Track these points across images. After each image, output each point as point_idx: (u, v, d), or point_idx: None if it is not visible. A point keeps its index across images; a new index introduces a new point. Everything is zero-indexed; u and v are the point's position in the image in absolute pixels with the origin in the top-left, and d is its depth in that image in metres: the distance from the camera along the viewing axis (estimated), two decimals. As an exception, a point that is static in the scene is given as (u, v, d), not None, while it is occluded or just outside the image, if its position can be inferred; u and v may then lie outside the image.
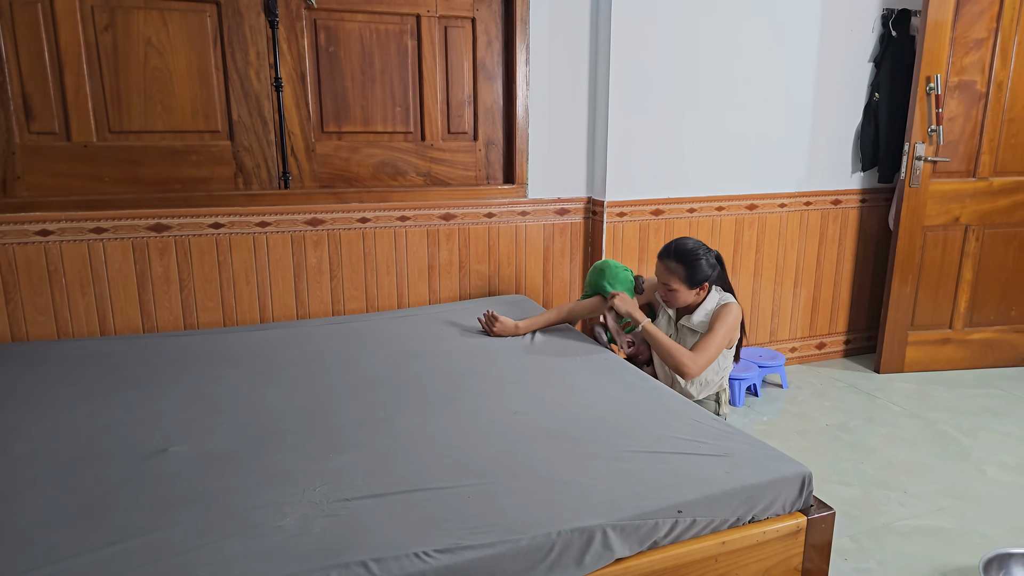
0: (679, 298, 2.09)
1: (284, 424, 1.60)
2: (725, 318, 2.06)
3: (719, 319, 2.06)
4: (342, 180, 2.57)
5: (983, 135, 2.97)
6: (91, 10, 2.18)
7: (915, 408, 2.78)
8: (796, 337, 3.26)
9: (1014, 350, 3.22)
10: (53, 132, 2.22)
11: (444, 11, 2.57)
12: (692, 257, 2.04)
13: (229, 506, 1.25)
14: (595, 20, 2.68)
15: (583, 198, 2.84)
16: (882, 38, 3.06)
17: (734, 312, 2.08)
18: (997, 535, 1.93)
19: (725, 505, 1.34)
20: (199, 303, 2.37)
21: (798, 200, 3.09)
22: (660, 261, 2.10)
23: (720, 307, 2.09)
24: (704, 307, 2.11)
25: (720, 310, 2.08)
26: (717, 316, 2.07)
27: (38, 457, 1.44)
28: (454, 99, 2.66)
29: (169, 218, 2.29)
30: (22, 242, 2.16)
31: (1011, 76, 2.92)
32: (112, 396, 1.74)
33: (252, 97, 2.40)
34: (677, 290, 2.07)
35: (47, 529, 1.19)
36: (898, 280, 3.05)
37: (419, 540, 1.15)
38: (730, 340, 2.11)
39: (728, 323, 2.06)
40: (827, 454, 2.40)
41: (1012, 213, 3.07)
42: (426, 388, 1.81)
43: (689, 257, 2.04)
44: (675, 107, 2.77)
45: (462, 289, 2.72)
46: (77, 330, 2.25)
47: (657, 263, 2.12)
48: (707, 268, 2.06)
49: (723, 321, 2.06)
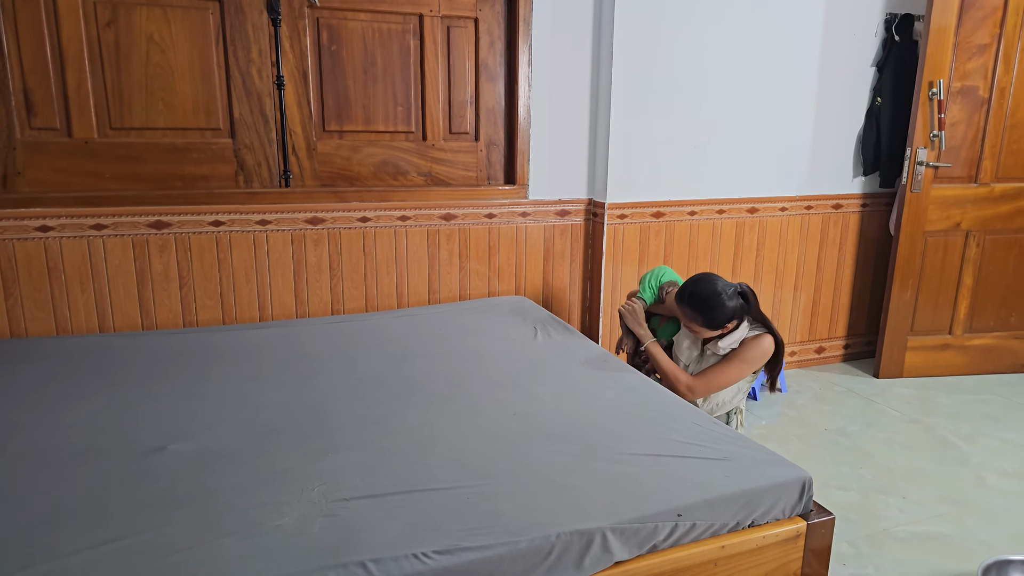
0: (706, 334, 2.08)
1: (283, 423, 1.59)
2: (747, 352, 2.04)
3: (740, 351, 2.04)
4: (343, 179, 2.56)
5: (985, 141, 2.97)
6: (94, 6, 2.17)
7: (914, 413, 2.78)
8: (796, 341, 3.26)
9: (1014, 356, 3.22)
10: (54, 128, 2.22)
11: (447, 11, 2.56)
12: (709, 306, 1.97)
13: (227, 505, 1.25)
14: (598, 22, 2.68)
15: (584, 200, 2.84)
16: (885, 43, 3.06)
17: (762, 347, 2.03)
18: (996, 542, 1.93)
19: (725, 509, 1.33)
20: (198, 301, 2.36)
21: (799, 204, 3.09)
22: (677, 305, 2.06)
23: (749, 339, 2.06)
24: (733, 335, 2.07)
25: (747, 342, 2.05)
26: (741, 347, 2.05)
27: (36, 454, 1.43)
28: (456, 99, 2.66)
29: (169, 215, 2.28)
30: (22, 238, 2.15)
31: (1014, 82, 2.92)
32: (111, 393, 1.74)
33: (254, 95, 2.39)
34: (700, 331, 2.06)
35: (45, 526, 1.18)
36: (898, 285, 3.05)
37: (418, 541, 1.15)
38: (753, 372, 2.09)
39: (749, 357, 2.03)
40: (826, 458, 2.40)
41: (1013, 219, 3.07)
42: (425, 388, 1.81)
43: (705, 306, 1.98)
44: (677, 109, 2.77)
45: (462, 289, 2.72)
46: (76, 327, 2.25)
47: (676, 305, 2.08)
48: (728, 311, 1.98)
49: (743, 354, 2.04)
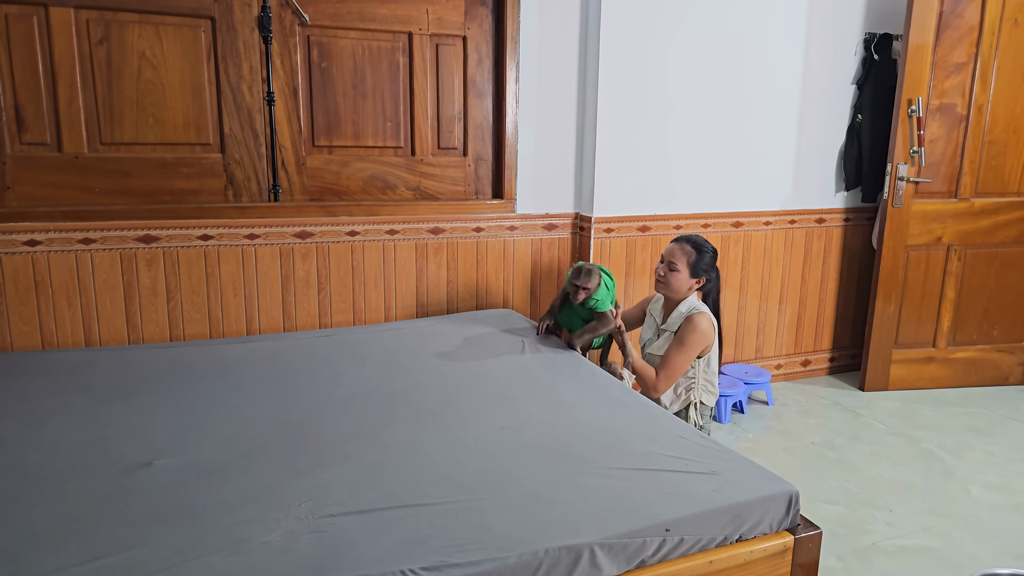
0: (677, 279, 2.20)
1: (270, 438, 1.59)
2: (688, 336, 2.15)
3: (682, 337, 2.16)
4: (332, 194, 2.57)
5: (964, 157, 3.04)
6: (86, 23, 2.19)
7: (899, 426, 2.81)
8: (781, 354, 3.28)
9: (996, 369, 3.26)
10: (44, 143, 2.22)
11: (436, 29, 2.60)
12: (704, 248, 2.23)
13: (214, 521, 1.24)
14: (584, 39, 2.73)
15: (571, 214, 2.86)
16: (864, 61, 3.13)
17: (699, 327, 2.16)
18: (982, 555, 1.94)
19: (713, 523, 1.34)
20: (185, 315, 2.36)
21: (783, 218, 3.13)
22: (675, 243, 2.26)
23: (685, 320, 2.19)
24: (678, 308, 2.23)
25: (684, 325, 2.17)
26: (683, 329, 2.17)
27: (21, 469, 1.42)
28: (444, 115, 2.69)
29: (158, 229, 2.28)
30: (10, 252, 2.14)
31: (991, 99, 3.00)
32: (96, 408, 1.72)
33: (244, 111, 2.40)
34: (679, 271, 2.19)
35: (29, 543, 1.17)
36: (882, 299, 3.09)
37: (405, 557, 1.14)
38: (702, 349, 2.18)
39: (691, 341, 2.15)
40: (813, 472, 2.41)
41: (993, 233, 3.13)
42: (413, 402, 1.81)
43: (702, 247, 2.23)
44: (662, 125, 2.81)
45: (450, 303, 2.73)
46: (62, 341, 2.23)
47: (671, 244, 2.27)
48: (709, 264, 2.22)
49: (686, 339, 2.15)
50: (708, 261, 2.21)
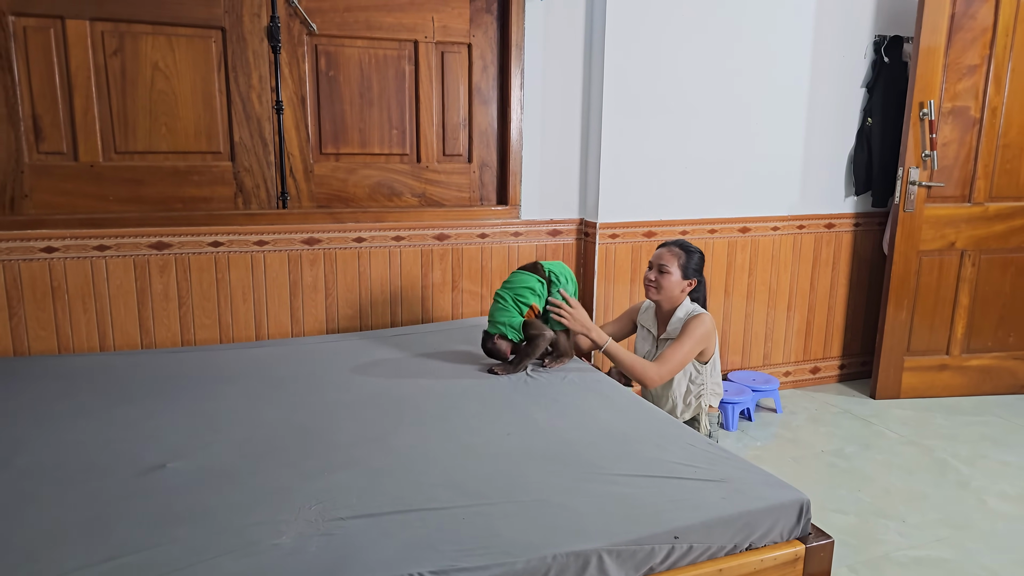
0: (669, 282, 2.17)
1: (280, 441, 1.60)
2: (694, 330, 2.12)
3: (687, 330, 2.13)
4: (339, 200, 2.60)
5: (978, 160, 3.00)
6: (101, 35, 2.23)
7: (912, 435, 2.77)
8: (790, 361, 3.26)
9: (1012, 377, 3.21)
10: (61, 152, 2.26)
11: (441, 37, 2.62)
12: (692, 249, 2.22)
13: (226, 523, 1.25)
14: (589, 45, 2.74)
15: (576, 219, 2.87)
16: (874, 64, 3.11)
17: (705, 324, 2.14)
18: (999, 567, 1.90)
19: (722, 531, 1.33)
20: (196, 320, 2.38)
21: (791, 223, 3.12)
22: (662, 247, 2.24)
23: (691, 317, 2.16)
24: (676, 315, 2.20)
25: (690, 321, 2.15)
26: (686, 326, 2.14)
27: (39, 471, 1.44)
28: (449, 122, 2.71)
29: (170, 236, 2.31)
30: (27, 258, 2.18)
31: (1005, 102, 2.96)
32: (111, 411, 1.75)
33: (253, 119, 2.44)
34: (670, 273, 2.17)
35: (48, 543, 1.19)
36: (893, 305, 3.06)
37: (414, 561, 1.15)
38: (702, 351, 2.16)
39: (697, 334, 2.12)
40: (823, 481, 2.39)
41: (1008, 239, 3.09)
42: (420, 407, 1.82)
43: (690, 248, 2.22)
44: (668, 131, 2.81)
45: (455, 309, 2.74)
46: (78, 345, 2.27)
47: (657, 249, 2.24)
48: (698, 265, 2.21)
49: (691, 332, 2.12)
50: (697, 262, 2.20)
